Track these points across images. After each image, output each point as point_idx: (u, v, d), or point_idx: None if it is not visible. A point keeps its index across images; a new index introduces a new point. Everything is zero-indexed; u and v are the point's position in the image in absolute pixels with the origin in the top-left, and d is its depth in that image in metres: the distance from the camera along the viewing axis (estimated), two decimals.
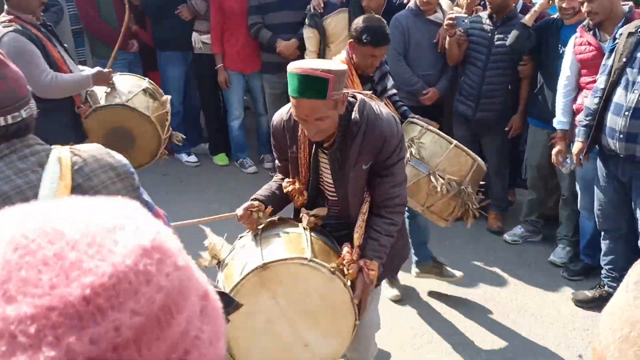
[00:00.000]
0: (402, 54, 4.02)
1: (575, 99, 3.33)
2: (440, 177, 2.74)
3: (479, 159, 2.93)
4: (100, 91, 3.18)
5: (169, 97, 3.41)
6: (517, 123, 3.89)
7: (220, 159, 5.20)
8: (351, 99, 1.99)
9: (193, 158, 5.20)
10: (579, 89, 3.31)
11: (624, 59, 2.82)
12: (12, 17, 2.87)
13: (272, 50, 4.42)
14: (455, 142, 2.90)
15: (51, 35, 3.07)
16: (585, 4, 3.06)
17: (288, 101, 1.94)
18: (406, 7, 4.07)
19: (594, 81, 3.05)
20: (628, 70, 2.81)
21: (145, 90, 3.28)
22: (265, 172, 4.90)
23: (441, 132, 2.97)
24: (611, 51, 2.93)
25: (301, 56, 4.40)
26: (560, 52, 3.48)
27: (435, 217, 2.92)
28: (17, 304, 0.33)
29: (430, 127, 2.93)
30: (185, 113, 5.14)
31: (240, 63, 4.72)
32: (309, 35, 4.27)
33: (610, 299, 0.65)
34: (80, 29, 4.82)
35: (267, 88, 4.56)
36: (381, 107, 2.05)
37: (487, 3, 3.75)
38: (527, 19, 3.58)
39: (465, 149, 2.90)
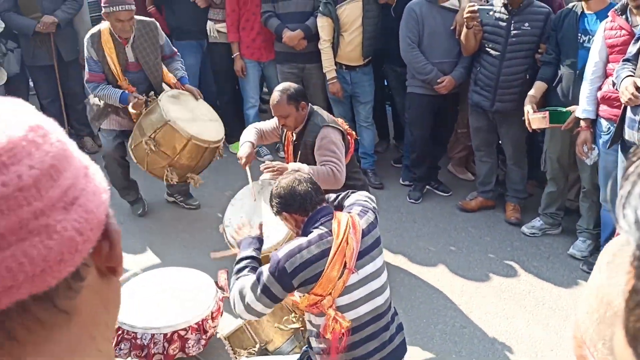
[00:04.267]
0: (416, 43, 3.96)
1: (600, 87, 3.24)
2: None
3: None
4: None
5: None
6: None
7: (236, 147, 5.17)
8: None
9: None
10: (605, 76, 3.22)
11: None
12: None
13: (281, 40, 4.40)
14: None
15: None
16: None
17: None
18: None
19: None
20: None
21: None
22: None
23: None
24: (638, 39, 2.84)
25: (309, 46, 4.37)
26: (581, 41, 3.39)
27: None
28: None
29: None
30: None
31: (256, 51, 4.70)
32: (323, 24, 4.22)
33: None
34: (98, 16, 4.83)
35: (279, 78, 4.52)
36: None
37: None
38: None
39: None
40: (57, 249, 0.46)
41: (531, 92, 3.57)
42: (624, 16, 3.09)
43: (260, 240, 2.27)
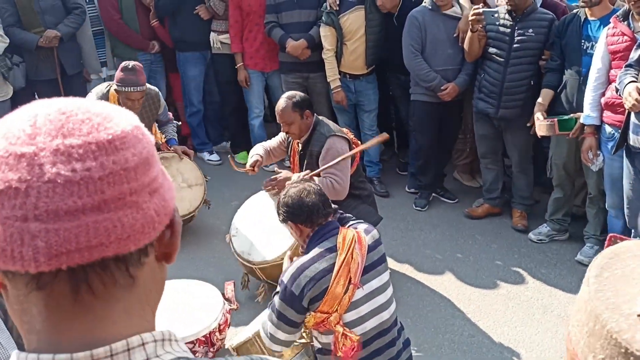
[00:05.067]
0: (419, 51, 3.97)
1: (603, 93, 3.23)
2: None
3: None
4: None
5: None
6: None
7: (242, 157, 5.21)
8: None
9: (215, 157, 5.22)
10: (608, 82, 3.21)
11: None
12: None
13: (285, 50, 4.42)
14: None
15: None
16: None
17: None
18: (422, 3, 4.01)
19: None
20: None
21: None
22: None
23: None
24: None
25: (313, 55, 4.39)
26: (584, 48, 3.39)
27: None
28: (70, 138, 0.57)
29: None
30: (206, 112, 5.16)
31: (260, 61, 4.72)
32: (326, 33, 4.24)
33: None
34: (101, 30, 4.88)
35: (284, 87, 4.54)
36: None
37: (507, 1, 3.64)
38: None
39: None
40: (141, 222, 0.59)
41: (539, 100, 3.57)
42: (625, 22, 3.09)
43: None
